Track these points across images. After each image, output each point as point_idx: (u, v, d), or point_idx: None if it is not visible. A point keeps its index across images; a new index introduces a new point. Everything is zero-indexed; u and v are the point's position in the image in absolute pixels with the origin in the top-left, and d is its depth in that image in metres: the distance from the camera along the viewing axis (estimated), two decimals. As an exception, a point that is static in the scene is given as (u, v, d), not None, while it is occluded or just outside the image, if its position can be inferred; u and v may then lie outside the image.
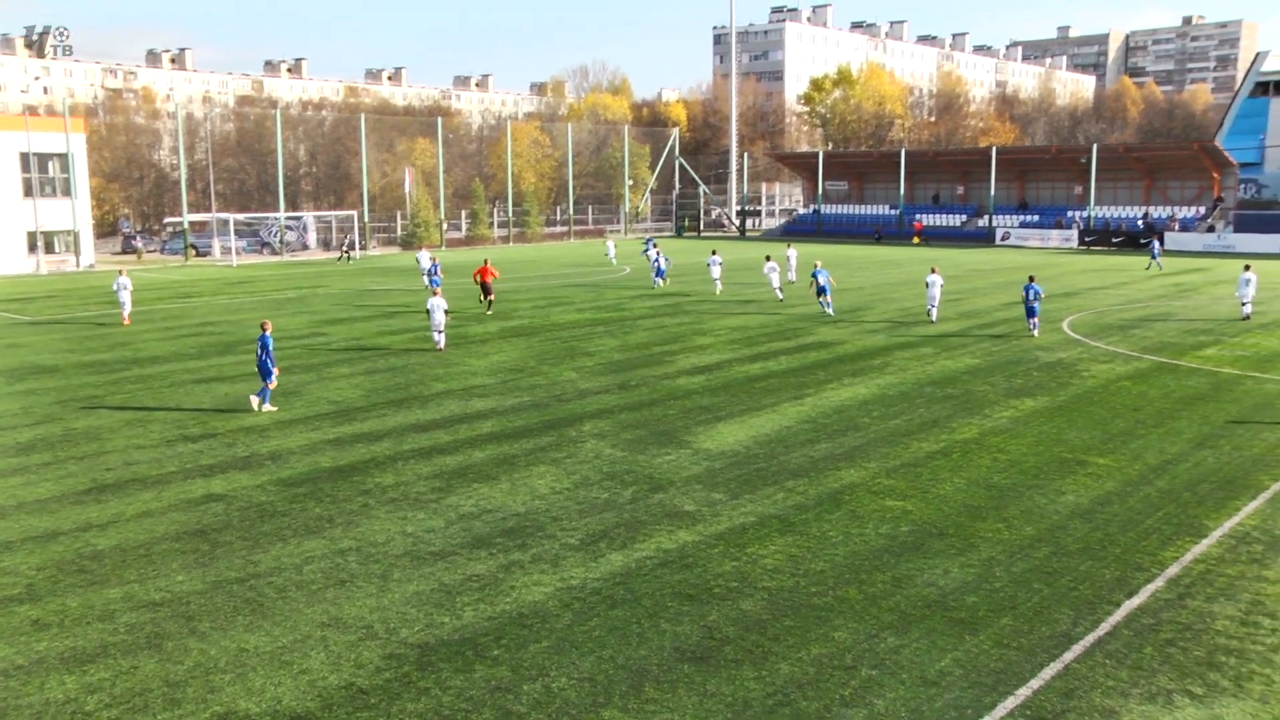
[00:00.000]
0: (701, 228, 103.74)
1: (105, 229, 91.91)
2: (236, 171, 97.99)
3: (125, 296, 36.19)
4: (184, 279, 54.38)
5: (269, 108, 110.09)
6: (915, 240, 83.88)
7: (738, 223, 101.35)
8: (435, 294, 27.85)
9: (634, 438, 17.51)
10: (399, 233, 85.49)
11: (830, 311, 33.75)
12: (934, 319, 32.64)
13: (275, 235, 74.59)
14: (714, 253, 43.82)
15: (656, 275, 43.82)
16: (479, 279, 38.00)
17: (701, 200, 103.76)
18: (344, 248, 70.63)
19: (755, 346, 27.22)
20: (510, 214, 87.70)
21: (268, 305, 39.43)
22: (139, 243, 77.25)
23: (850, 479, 15.12)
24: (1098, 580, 11.43)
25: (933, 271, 34.24)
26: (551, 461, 16.09)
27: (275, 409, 19.94)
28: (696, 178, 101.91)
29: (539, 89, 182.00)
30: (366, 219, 78.37)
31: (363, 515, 13.71)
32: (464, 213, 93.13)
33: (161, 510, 13.97)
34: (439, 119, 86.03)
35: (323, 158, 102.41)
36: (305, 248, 76.98)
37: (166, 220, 79.83)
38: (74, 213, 62.50)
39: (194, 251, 72.06)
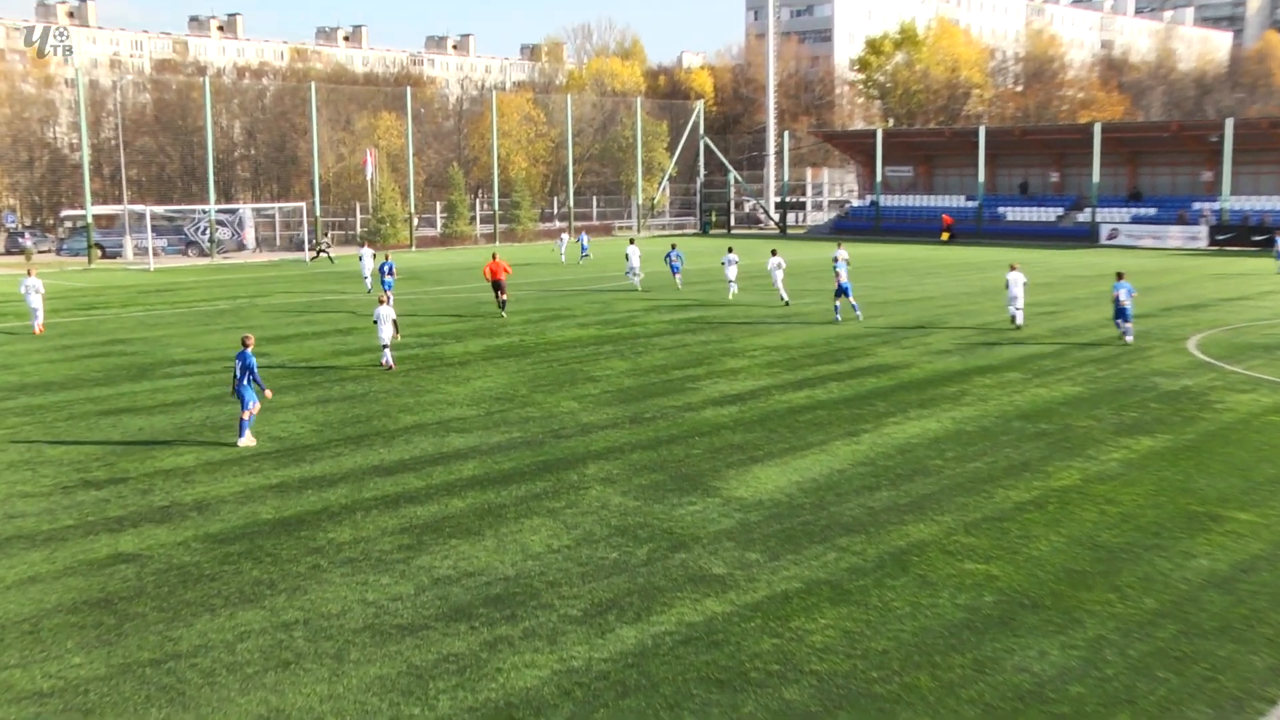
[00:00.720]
0: (732, 223, 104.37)
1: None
2: (154, 154, 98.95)
3: (36, 301, 36.75)
4: (87, 286, 54.80)
5: (195, 74, 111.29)
6: (944, 236, 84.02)
7: (776, 217, 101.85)
8: (383, 301, 27.88)
9: (649, 483, 17.49)
10: (358, 229, 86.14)
11: (859, 315, 36.18)
12: (1019, 322, 33.79)
13: (204, 232, 75.18)
14: (730, 250, 45.42)
15: (675, 273, 47.42)
16: (489, 276, 39.39)
17: (731, 190, 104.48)
18: (317, 245, 70.85)
19: (799, 370, 27.26)
20: (496, 207, 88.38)
21: (193, 319, 39.69)
22: (28, 241, 77.99)
23: (919, 536, 15.04)
24: (1243, 669, 11.30)
25: (1013, 269, 34.80)
26: (548, 512, 16.08)
27: (254, 443, 20.18)
28: (725, 162, 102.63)
29: (531, 52, 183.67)
30: (318, 213, 79.01)
31: (312, 580, 13.69)
32: (439, 205, 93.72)
33: (54, 575, 13.97)
34: (408, 89, 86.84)
35: (264, 137, 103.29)
36: (242, 248, 77.64)
37: (64, 213, 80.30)
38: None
39: (99, 252, 72.67)
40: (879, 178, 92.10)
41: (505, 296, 39.53)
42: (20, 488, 17.72)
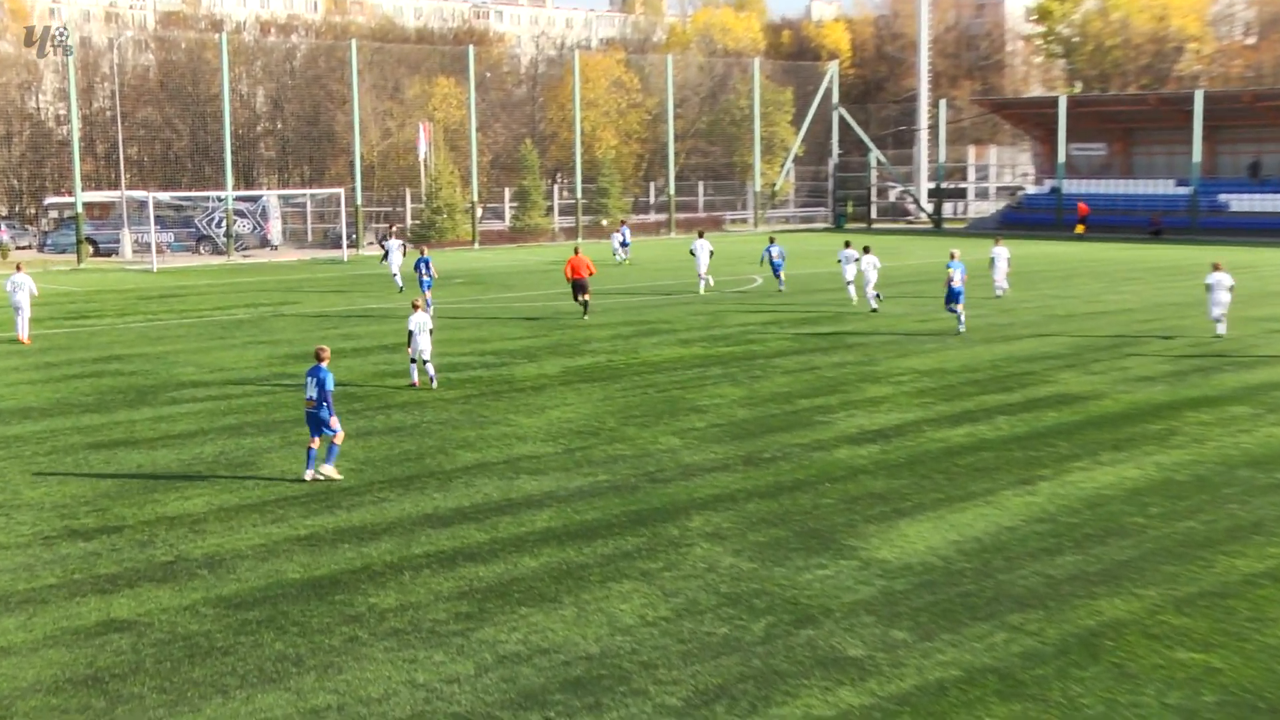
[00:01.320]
0: (873, 215, 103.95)
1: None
2: (159, 128, 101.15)
3: (24, 300, 38.34)
4: (76, 290, 56.31)
5: (209, 31, 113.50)
6: (1078, 229, 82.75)
7: (929, 208, 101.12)
8: (418, 306, 28.89)
9: (768, 540, 17.41)
10: (409, 221, 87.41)
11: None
12: (1221, 331, 34.77)
13: (219, 225, 76.89)
14: (846, 245, 45.89)
15: (776, 274, 50.40)
16: (570, 275, 41.28)
17: (873, 173, 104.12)
18: (383, 237, 71.39)
19: (958, 400, 27.02)
20: (579, 194, 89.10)
21: (205, 332, 40.56)
22: (4, 235, 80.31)
23: (1114, 614, 14.76)
24: None
25: (1215, 269, 34.59)
26: (641, 575, 16.07)
27: (340, 476, 20.86)
28: (866, 139, 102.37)
29: (622, 3, 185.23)
30: (359, 201, 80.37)
31: (348, 655, 13.83)
32: (508, 193, 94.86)
33: (31, 646, 14.21)
34: (470, 48, 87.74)
35: (293, 108, 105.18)
36: (266, 244, 79.27)
37: (48, 201, 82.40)
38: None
39: (91, 248, 74.60)
40: (1061, 157, 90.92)
41: (588, 298, 40.96)
42: None
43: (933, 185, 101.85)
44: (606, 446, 23.07)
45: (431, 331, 29.14)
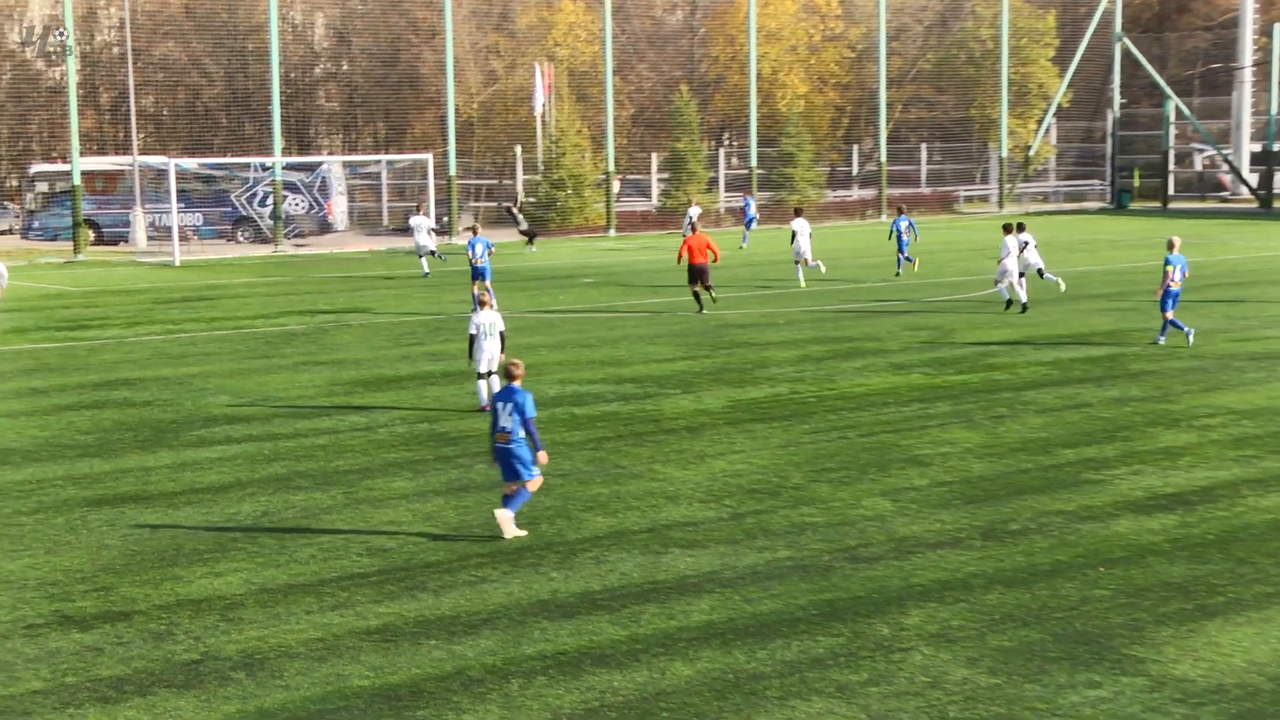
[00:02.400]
0: (1169, 191, 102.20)
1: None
2: (183, 71, 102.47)
3: None
4: (72, 290, 57.64)
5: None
6: None
7: (1254, 180, 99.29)
8: (486, 303, 29.94)
9: (1016, 646, 17.24)
10: (520, 195, 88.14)
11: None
12: None
13: (263, 203, 78.16)
14: (1019, 228, 46.94)
15: (901, 252, 57.03)
16: (685, 258, 44.29)
17: (1170, 132, 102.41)
18: (514, 213, 72.40)
19: (1295, 454, 26.55)
20: (754, 162, 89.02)
21: (243, 348, 41.31)
22: None
23: None
24: None
25: None
26: (836, 691, 16.02)
27: (524, 533, 21.54)
28: (1161, 82, 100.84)
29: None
30: (453, 170, 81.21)
31: (430, 792, 13.91)
32: (655, 159, 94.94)
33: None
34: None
35: (363, 43, 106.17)
36: (327, 228, 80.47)
37: (34, 169, 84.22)
38: None
39: (93, 234, 76.25)
40: None
41: (711, 285, 44.28)
42: None
43: (1259, 148, 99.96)
44: (790, 511, 22.97)
45: (503, 335, 29.68)
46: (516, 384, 21.52)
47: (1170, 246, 38.83)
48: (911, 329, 42.68)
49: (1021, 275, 46.13)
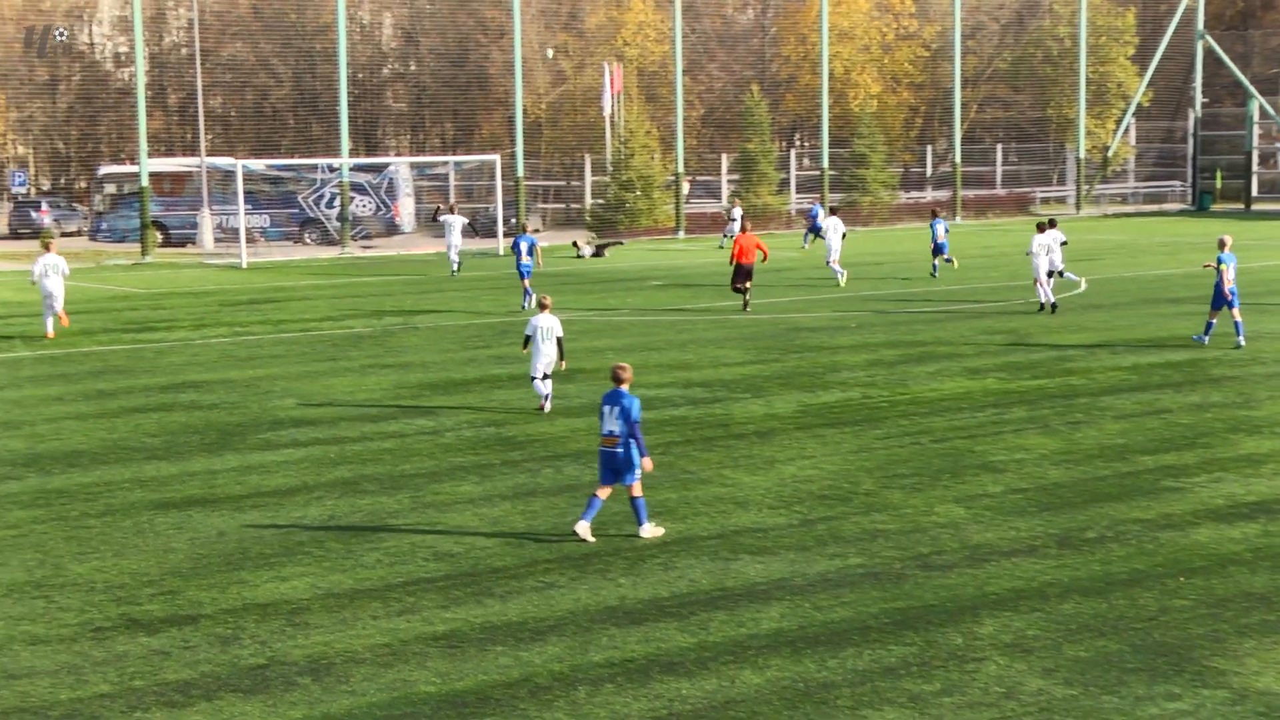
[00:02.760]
0: (1253, 192, 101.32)
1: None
2: (251, 72, 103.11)
3: (55, 286, 41.73)
4: (139, 292, 57.90)
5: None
6: None
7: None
8: (546, 305, 31.33)
9: (1093, 656, 17.17)
10: (587, 199, 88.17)
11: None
12: None
13: (330, 204, 78.53)
14: (1050, 225, 48.17)
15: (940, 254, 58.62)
16: (737, 260, 45.94)
17: (1254, 131, 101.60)
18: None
19: (1380, 462, 26.34)
20: (825, 163, 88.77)
21: (310, 350, 41.57)
22: (47, 217, 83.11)
23: None
24: None
25: None
26: (909, 701, 15.97)
27: (660, 531, 21.90)
28: (1244, 80, 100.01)
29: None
30: (521, 172, 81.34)
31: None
32: (725, 160, 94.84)
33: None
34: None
35: (431, 43, 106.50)
36: (394, 230, 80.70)
37: (103, 170, 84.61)
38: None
39: (160, 235, 76.68)
40: None
41: (750, 286, 45.86)
42: (26, 628, 18.49)
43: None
44: (861, 518, 22.95)
45: (561, 340, 30.39)
46: (624, 388, 21.72)
47: (1221, 245, 39.01)
48: (986, 332, 42.53)
49: (1050, 275, 46.86)
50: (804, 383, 34.91)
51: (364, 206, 79.40)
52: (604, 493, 21.80)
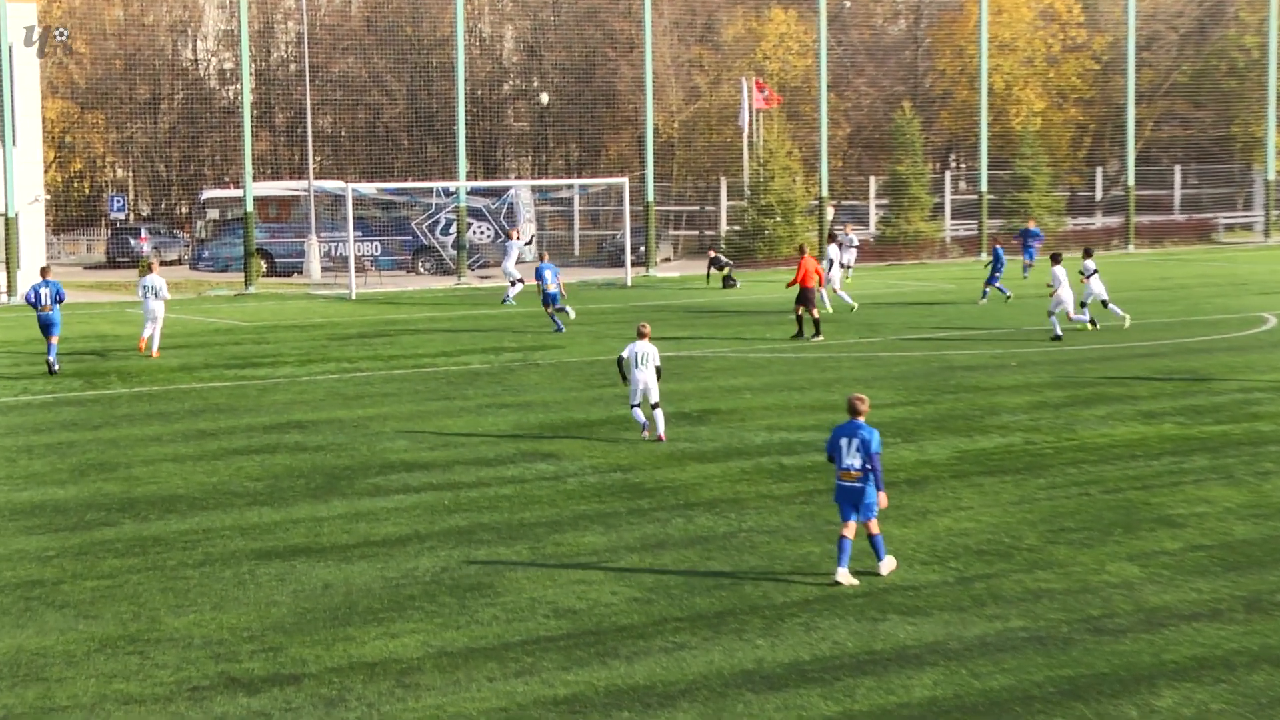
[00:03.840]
0: None
1: (71, 214, 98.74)
2: (363, 89, 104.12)
3: (157, 308, 43.43)
4: (243, 324, 58.73)
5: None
6: None
7: None
8: (644, 334, 32.64)
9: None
10: (722, 225, 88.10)
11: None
12: None
13: (446, 231, 78.90)
14: (1085, 254, 50.76)
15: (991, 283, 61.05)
16: (802, 284, 47.46)
17: None
18: (716, 260, 72.69)
19: None
20: (984, 186, 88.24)
21: (424, 388, 41.83)
22: (146, 245, 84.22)
23: None
24: None
25: None
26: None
27: (894, 564, 22.69)
28: None
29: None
30: (651, 196, 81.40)
31: None
32: (874, 184, 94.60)
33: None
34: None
35: (557, 59, 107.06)
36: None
37: (205, 195, 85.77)
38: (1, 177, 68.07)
39: (265, 265, 77.43)
40: None
41: (817, 314, 46.42)
42: (119, 686, 18.50)
43: None
44: (1024, 575, 22.62)
45: (659, 369, 31.53)
46: (861, 419, 22.36)
47: None
48: (1163, 373, 42.06)
49: (1084, 304, 48.76)
50: (960, 426, 34.68)
51: (482, 233, 79.71)
52: (849, 530, 22.23)
